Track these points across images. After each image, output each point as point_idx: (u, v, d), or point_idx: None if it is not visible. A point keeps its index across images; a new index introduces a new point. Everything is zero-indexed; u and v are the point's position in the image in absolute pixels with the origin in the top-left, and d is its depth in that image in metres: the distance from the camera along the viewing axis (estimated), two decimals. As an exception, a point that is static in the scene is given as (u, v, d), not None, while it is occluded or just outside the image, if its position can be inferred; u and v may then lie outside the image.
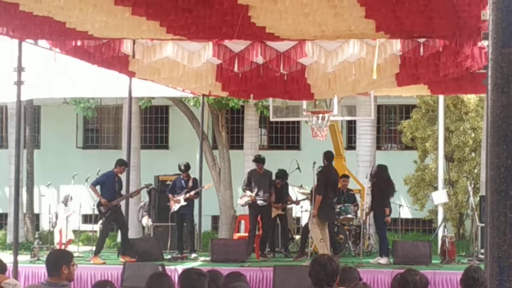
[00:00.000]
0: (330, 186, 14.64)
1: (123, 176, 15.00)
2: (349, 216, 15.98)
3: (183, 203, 15.37)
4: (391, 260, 14.15)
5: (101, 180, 14.68)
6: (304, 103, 15.79)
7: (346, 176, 17.02)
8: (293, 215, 17.73)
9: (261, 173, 15.49)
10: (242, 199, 15.79)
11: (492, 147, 2.43)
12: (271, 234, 15.77)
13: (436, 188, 20.23)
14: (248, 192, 15.33)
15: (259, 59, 11.97)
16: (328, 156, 14.80)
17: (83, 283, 12.99)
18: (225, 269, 10.46)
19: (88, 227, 19.82)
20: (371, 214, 15.10)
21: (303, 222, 16.83)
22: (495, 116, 2.42)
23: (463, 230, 21.73)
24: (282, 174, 15.83)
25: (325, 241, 14.25)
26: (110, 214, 14.43)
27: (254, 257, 15.00)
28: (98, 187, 14.63)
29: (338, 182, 15.38)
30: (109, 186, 14.48)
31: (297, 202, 16.49)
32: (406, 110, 24.54)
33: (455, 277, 11.92)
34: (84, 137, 26.95)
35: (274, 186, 15.53)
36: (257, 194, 15.23)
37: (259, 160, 15.64)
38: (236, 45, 11.51)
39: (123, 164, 14.75)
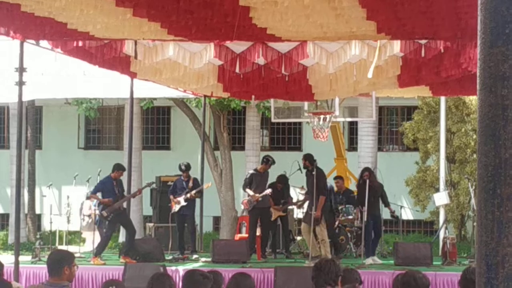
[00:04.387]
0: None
1: (124, 177, 14.99)
2: (350, 217, 15.98)
3: (183, 203, 15.37)
4: (392, 261, 14.15)
5: (99, 187, 14.64)
6: (306, 104, 15.80)
7: (339, 178, 17.01)
8: (294, 216, 17.72)
9: (262, 173, 15.50)
10: (244, 203, 15.73)
11: (480, 145, 2.46)
12: (272, 235, 15.78)
13: (437, 190, 20.22)
14: (251, 192, 15.31)
15: (261, 60, 11.97)
16: (312, 158, 14.78)
17: (84, 284, 13.00)
18: (226, 270, 10.48)
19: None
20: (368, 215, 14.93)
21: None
22: (483, 115, 2.45)
23: (465, 231, 21.70)
24: (283, 180, 15.81)
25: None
26: (113, 218, 14.42)
27: (255, 258, 15.00)
28: (98, 195, 14.60)
29: None
30: (108, 192, 14.44)
31: (298, 206, 16.40)
32: (408, 111, 24.53)
33: (456, 279, 11.88)
34: (86, 137, 26.96)
35: (274, 188, 15.51)
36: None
37: (270, 161, 15.56)
38: (238, 46, 11.51)
39: (120, 169, 14.70)
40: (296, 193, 17.36)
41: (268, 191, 15.20)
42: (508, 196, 2.38)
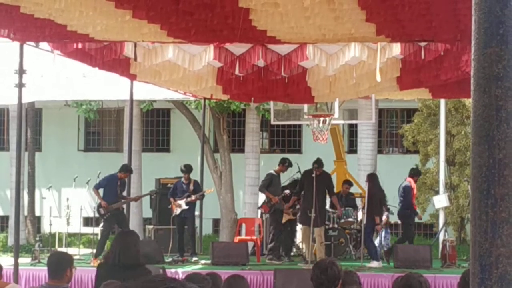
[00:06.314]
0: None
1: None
2: (350, 219, 15.98)
3: (184, 207, 15.37)
4: (392, 264, 14.15)
5: (103, 183, 14.74)
6: (305, 107, 15.80)
7: (348, 183, 17.00)
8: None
9: (279, 175, 15.71)
10: (264, 207, 15.73)
11: (474, 146, 2.47)
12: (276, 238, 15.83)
13: (437, 192, 20.20)
14: (271, 194, 15.40)
15: (260, 62, 11.96)
16: None
17: (83, 286, 13.00)
18: (225, 272, 10.47)
19: (89, 230, 19.82)
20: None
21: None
22: (477, 116, 2.46)
23: (464, 234, 21.70)
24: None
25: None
26: (110, 217, 14.45)
27: (255, 260, 15.00)
28: (100, 190, 14.67)
29: None
30: (111, 189, 14.53)
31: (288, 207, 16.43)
32: (408, 113, 24.53)
33: (456, 281, 11.86)
34: (86, 139, 26.96)
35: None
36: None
37: (287, 163, 15.80)
38: (237, 48, 11.50)
39: (127, 171, 14.76)
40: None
41: (286, 191, 15.39)
42: (502, 196, 2.39)
